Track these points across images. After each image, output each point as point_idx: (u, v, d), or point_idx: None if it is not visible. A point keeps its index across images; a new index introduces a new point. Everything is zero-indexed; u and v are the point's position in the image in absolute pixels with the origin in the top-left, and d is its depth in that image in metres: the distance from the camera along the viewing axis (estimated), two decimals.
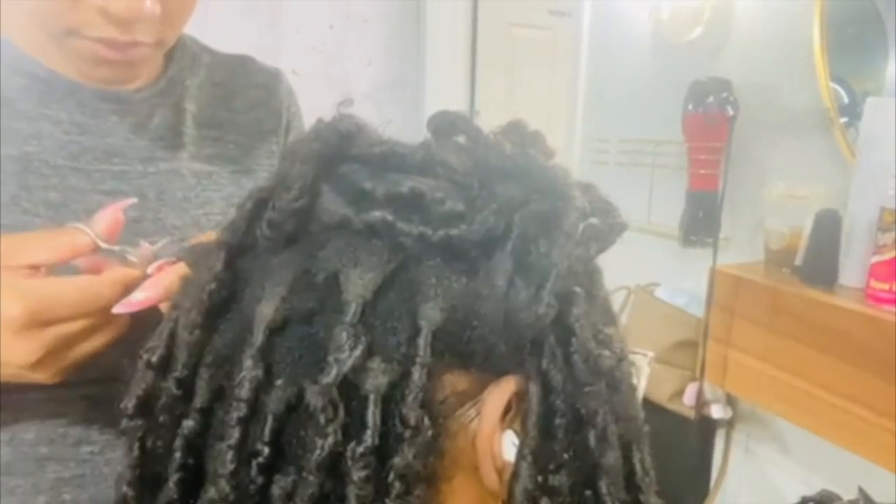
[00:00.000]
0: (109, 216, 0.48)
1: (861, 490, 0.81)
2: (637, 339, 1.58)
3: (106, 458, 0.59)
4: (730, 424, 1.53)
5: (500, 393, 0.34)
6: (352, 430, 0.31)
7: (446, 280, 0.34)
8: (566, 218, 0.35)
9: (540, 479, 0.33)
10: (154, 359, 0.37)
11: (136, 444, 0.37)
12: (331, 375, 0.31)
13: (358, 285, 0.33)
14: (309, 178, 0.36)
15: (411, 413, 0.31)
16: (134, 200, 0.51)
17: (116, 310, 0.45)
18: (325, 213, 0.36)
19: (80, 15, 0.52)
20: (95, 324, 0.46)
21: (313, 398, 0.31)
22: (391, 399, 0.32)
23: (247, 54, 0.77)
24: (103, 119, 0.60)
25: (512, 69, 2.14)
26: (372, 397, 0.31)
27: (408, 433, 0.31)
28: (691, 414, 1.47)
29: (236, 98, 0.71)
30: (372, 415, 0.31)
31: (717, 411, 1.47)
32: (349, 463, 0.31)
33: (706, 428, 1.53)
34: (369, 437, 0.31)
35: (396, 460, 0.31)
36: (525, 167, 0.36)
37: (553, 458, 0.34)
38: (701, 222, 1.47)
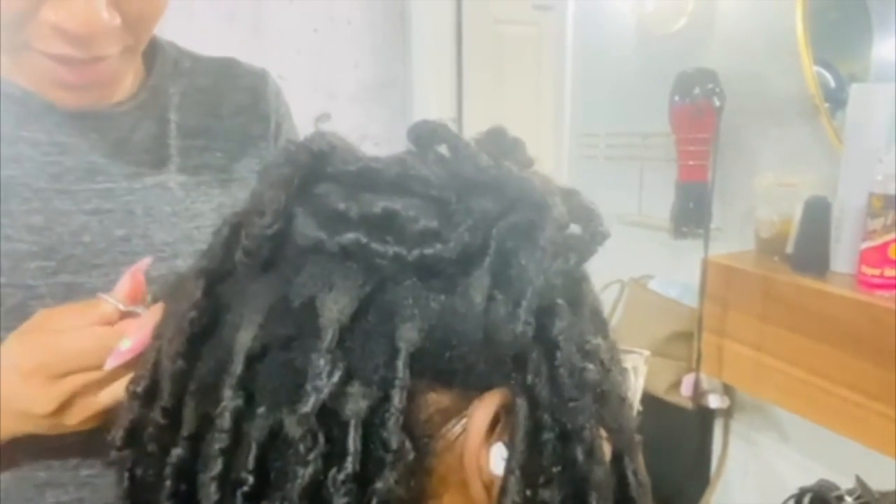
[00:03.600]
0: (129, 282, 0.48)
1: (858, 479, 0.82)
2: (632, 332, 1.59)
3: (106, 480, 0.58)
4: (728, 414, 1.53)
5: (485, 408, 0.34)
6: (333, 456, 0.31)
7: (424, 300, 0.33)
8: (541, 231, 0.34)
9: (529, 493, 0.33)
10: (139, 389, 0.37)
11: (127, 475, 0.37)
12: (309, 404, 0.31)
13: (333, 310, 0.32)
14: (281, 203, 0.35)
15: (392, 437, 0.31)
16: (150, 260, 0.51)
17: (108, 365, 0.45)
18: (300, 236, 0.35)
19: (34, 29, 0.50)
20: (112, 374, 0.46)
21: (291, 428, 0.31)
22: (372, 423, 0.32)
23: (231, 57, 0.74)
24: (83, 137, 0.59)
25: (498, 65, 2.13)
26: (352, 423, 0.31)
27: (389, 457, 0.31)
28: (689, 405, 1.47)
29: (222, 103, 0.69)
30: (353, 441, 0.31)
31: (714, 401, 1.48)
32: (331, 490, 0.31)
33: (704, 418, 1.53)
34: (350, 464, 0.31)
35: (378, 485, 0.31)
36: (499, 179, 0.36)
37: (542, 472, 0.33)
38: (692, 213, 1.47)
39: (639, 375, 0.41)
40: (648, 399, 1.50)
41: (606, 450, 0.38)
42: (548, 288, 0.34)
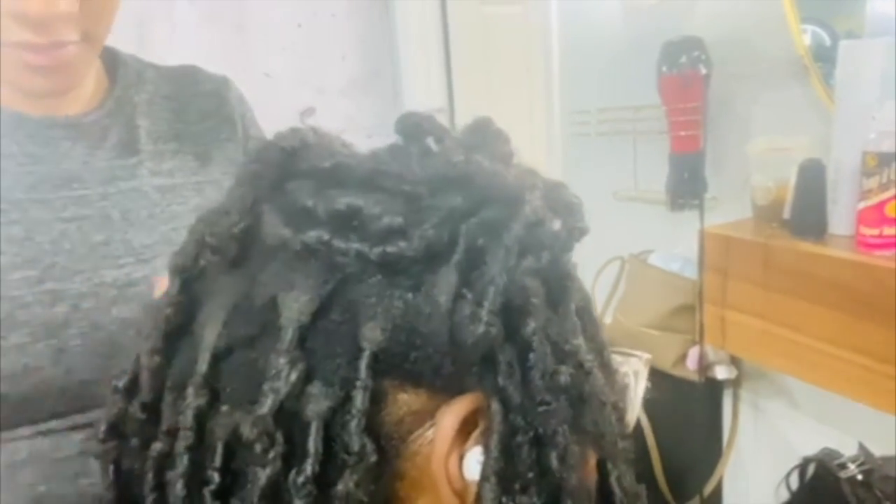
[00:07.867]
0: None
1: (861, 446, 0.81)
2: (635, 308, 1.57)
3: None
4: (736, 384, 1.52)
5: (452, 414, 0.33)
6: (293, 457, 0.31)
7: (388, 298, 0.32)
8: (507, 231, 0.33)
9: (505, 499, 0.32)
10: (121, 384, 0.38)
11: (111, 467, 0.38)
12: (265, 406, 0.30)
13: (293, 309, 0.32)
14: (247, 201, 0.36)
15: (353, 438, 0.30)
16: None
17: None
18: (267, 234, 0.35)
19: None
20: None
21: (246, 429, 0.30)
22: (334, 424, 0.31)
23: (192, 64, 0.76)
24: (55, 146, 0.60)
25: (486, 49, 2.11)
26: (314, 424, 0.31)
27: (351, 459, 0.30)
28: (697, 377, 1.46)
29: (187, 109, 0.71)
30: (313, 442, 0.30)
31: (721, 372, 1.46)
32: (290, 492, 0.30)
33: (713, 390, 1.52)
34: (309, 466, 0.30)
35: (339, 488, 0.30)
36: (469, 174, 0.35)
37: (517, 478, 0.32)
38: (687, 184, 1.45)
39: (640, 380, 0.40)
40: (656, 375, 1.49)
41: (591, 456, 0.37)
42: (517, 287, 0.33)
